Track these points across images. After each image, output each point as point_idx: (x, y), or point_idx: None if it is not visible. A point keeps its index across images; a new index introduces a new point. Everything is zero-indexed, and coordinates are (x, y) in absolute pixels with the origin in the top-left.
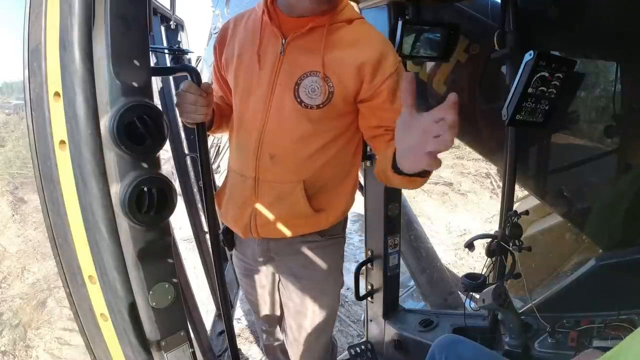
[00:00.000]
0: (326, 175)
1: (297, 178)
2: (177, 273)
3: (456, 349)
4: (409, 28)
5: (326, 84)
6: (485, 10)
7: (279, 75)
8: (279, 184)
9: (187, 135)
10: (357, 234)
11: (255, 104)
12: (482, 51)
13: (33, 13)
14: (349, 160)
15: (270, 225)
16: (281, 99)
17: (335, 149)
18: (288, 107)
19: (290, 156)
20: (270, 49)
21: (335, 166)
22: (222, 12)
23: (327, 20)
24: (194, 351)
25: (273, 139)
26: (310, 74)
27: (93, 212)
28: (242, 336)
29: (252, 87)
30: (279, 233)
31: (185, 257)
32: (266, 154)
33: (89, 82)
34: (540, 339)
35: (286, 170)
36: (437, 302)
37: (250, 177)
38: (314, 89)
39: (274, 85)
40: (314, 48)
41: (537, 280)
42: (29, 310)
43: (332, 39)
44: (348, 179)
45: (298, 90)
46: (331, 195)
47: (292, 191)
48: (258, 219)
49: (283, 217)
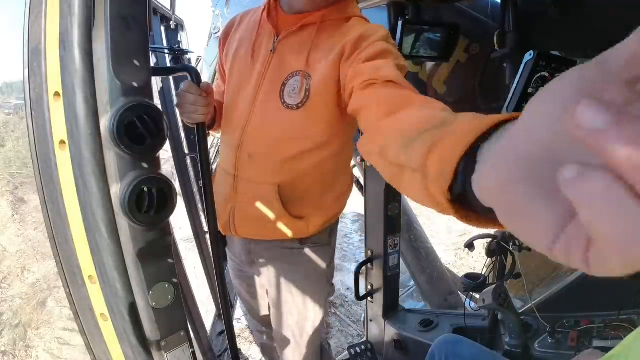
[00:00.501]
0: (306, 183)
1: (272, 180)
2: (177, 273)
3: (456, 349)
4: (409, 28)
5: (305, 80)
6: (485, 10)
7: (267, 74)
8: (254, 184)
9: (187, 135)
10: (357, 234)
11: (243, 101)
12: (482, 51)
13: (33, 13)
14: (333, 172)
15: (247, 225)
16: (266, 97)
17: (317, 158)
18: (271, 107)
19: (266, 157)
20: (264, 46)
21: (316, 176)
22: (222, 12)
23: (319, 18)
24: (194, 351)
25: (253, 138)
26: (295, 74)
27: (93, 212)
28: (242, 336)
29: (243, 82)
30: (256, 234)
31: (185, 257)
32: (245, 151)
33: (89, 82)
34: (540, 339)
35: (262, 171)
36: (437, 302)
37: (231, 174)
38: (295, 88)
39: (261, 84)
40: (303, 47)
41: (537, 280)
42: (29, 310)
43: (323, 37)
44: (332, 190)
45: (283, 90)
46: (312, 204)
47: (267, 193)
48: (237, 217)
49: (259, 218)
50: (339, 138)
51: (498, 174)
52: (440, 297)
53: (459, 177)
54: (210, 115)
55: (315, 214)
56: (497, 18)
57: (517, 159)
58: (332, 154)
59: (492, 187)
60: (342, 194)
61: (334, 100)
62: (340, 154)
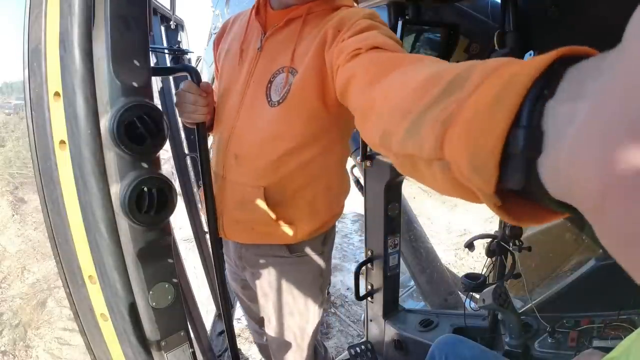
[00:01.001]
0: (294, 186)
1: (258, 183)
2: (177, 273)
3: (456, 349)
4: (409, 28)
5: (291, 75)
6: (485, 10)
7: (254, 73)
8: (241, 186)
9: (187, 135)
10: (357, 234)
11: (232, 101)
12: (482, 51)
13: (33, 13)
14: (325, 173)
15: (235, 228)
16: (253, 96)
17: (304, 158)
18: (257, 106)
19: (252, 158)
20: (252, 44)
21: (306, 177)
22: (222, 12)
23: (305, 10)
24: (194, 351)
25: (239, 138)
26: (281, 70)
27: (93, 212)
28: (242, 336)
29: (231, 82)
30: (243, 237)
31: (185, 257)
32: (232, 153)
33: (89, 82)
34: (540, 339)
35: (248, 172)
36: (437, 302)
37: (219, 175)
38: (280, 85)
39: (249, 83)
40: (289, 42)
41: (537, 280)
42: (29, 310)
43: (307, 29)
44: (322, 194)
45: (270, 88)
46: (301, 209)
47: (253, 196)
48: (225, 219)
49: (246, 221)
50: (325, 136)
51: (604, 147)
52: (440, 297)
53: (508, 170)
54: (210, 116)
55: (304, 219)
56: (497, 18)
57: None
58: (319, 153)
59: (595, 175)
60: (334, 197)
61: (315, 93)
62: (329, 153)
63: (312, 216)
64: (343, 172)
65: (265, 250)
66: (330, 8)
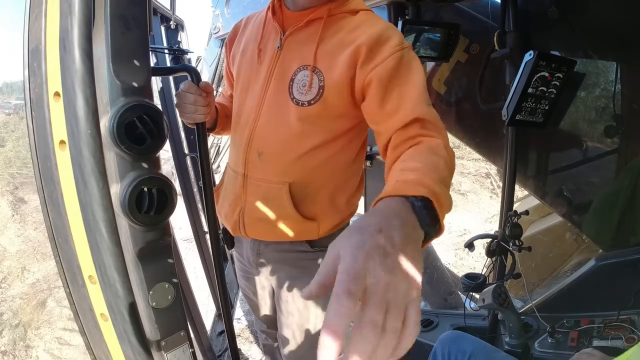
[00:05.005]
0: (318, 182)
1: (283, 179)
2: (177, 273)
3: (458, 344)
4: (409, 28)
5: (315, 76)
6: (485, 10)
7: (274, 71)
8: (265, 183)
9: (187, 135)
10: None
11: (251, 100)
12: (482, 51)
13: (33, 13)
14: (346, 168)
15: (257, 226)
16: (274, 95)
17: (329, 153)
18: (280, 104)
19: (277, 155)
20: (270, 44)
21: (329, 173)
22: (222, 12)
23: (325, 12)
24: (194, 351)
25: (262, 136)
26: (303, 67)
27: (93, 212)
28: (242, 336)
29: (250, 82)
30: (265, 235)
31: (185, 257)
32: (255, 150)
33: (89, 82)
34: (540, 339)
35: (273, 169)
36: (437, 302)
37: (240, 173)
38: (305, 84)
39: (269, 81)
40: (310, 41)
41: (537, 280)
42: (29, 310)
43: (330, 31)
44: (343, 191)
45: (292, 86)
46: (323, 205)
47: (278, 193)
48: (246, 218)
49: (269, 218)
50: (353, 130)
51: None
52: (440, 297)
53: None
54: (210, 116)
55: (326, 215)
56: (497, 18)
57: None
58: (342, 147)
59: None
60: (353, 195)
61: (348, 98)
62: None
63: (334, 212)
64: (361, 168)
65: (286, 246)
66: (348, 10)
